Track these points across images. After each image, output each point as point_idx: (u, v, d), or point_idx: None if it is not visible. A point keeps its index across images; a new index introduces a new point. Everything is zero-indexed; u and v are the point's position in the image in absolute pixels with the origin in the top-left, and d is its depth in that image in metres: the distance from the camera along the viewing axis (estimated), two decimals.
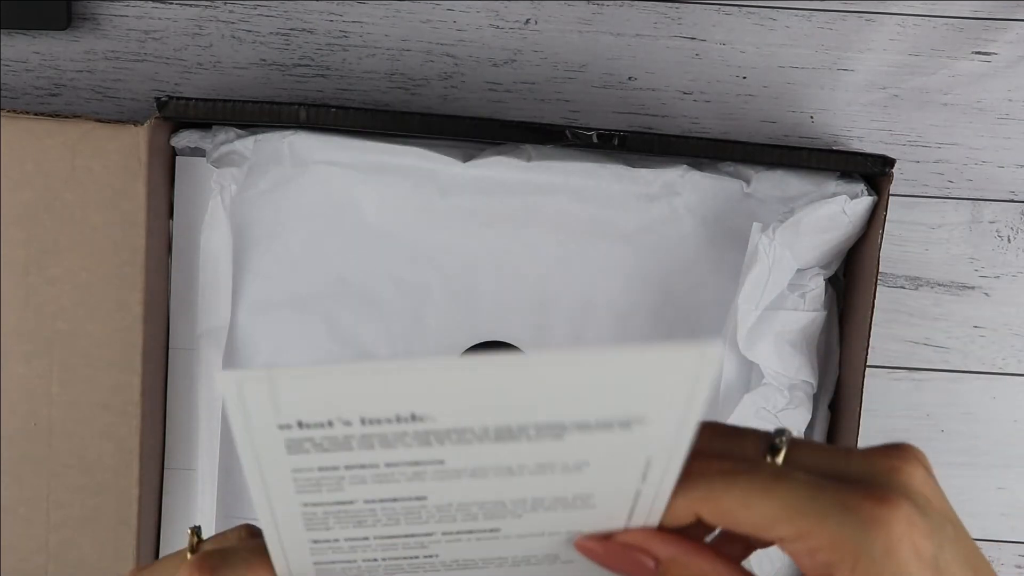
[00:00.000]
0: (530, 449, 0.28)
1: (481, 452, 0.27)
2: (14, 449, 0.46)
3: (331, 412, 0.26)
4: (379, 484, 0.28)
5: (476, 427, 0.27)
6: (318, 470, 0.28)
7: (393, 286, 0.50)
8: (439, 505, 0.29)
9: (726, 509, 0.29)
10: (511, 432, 0.27)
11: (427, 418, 0.26)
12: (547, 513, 0.30)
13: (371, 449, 0.27)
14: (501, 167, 0.49)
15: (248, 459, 0.27)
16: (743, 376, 0.49)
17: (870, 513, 0.27)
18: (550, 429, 0.27)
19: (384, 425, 0.26)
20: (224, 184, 0.48)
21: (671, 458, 0.29)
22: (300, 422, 0.26)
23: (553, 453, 0.28)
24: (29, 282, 0.46)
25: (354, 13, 0.52)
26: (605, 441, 0.28)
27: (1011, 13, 0.53)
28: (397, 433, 0.27)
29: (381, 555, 0.31)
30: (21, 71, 0.52)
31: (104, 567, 0.47)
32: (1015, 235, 0.53)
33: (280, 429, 0.26)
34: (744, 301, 0.47)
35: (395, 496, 0.29)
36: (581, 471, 0.29)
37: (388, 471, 0.28)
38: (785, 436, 0.30)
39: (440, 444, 0.27)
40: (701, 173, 0.49)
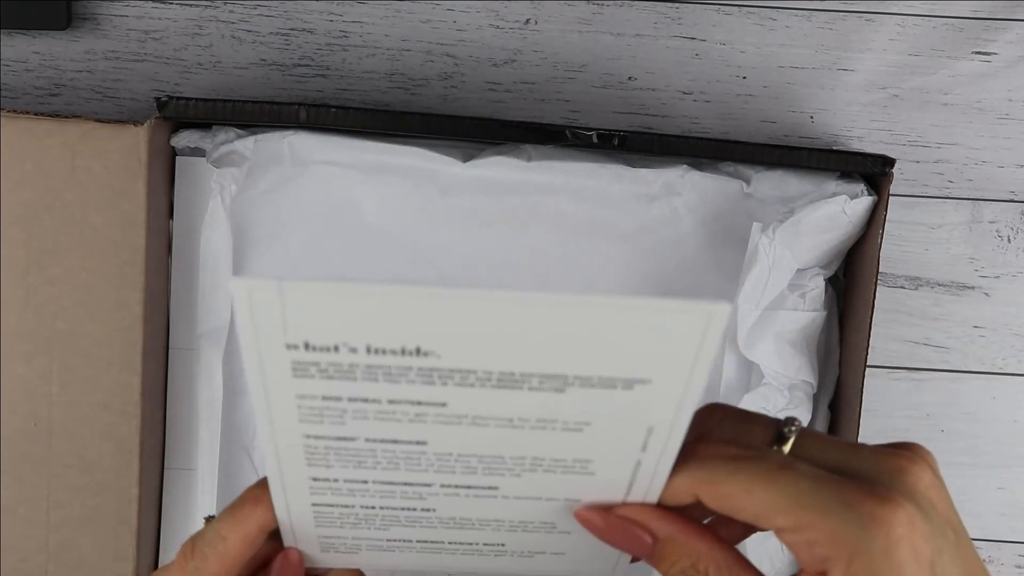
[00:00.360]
0: (531, 400, 0.28)
1: (483, 397, 0.27)
2: (14, 449, 0.46)
3: (338, 336, 0.26)
4: (381, 422, 0.28)
5: (480, 370, 0.27)
6: (322, 399, 0.28)
7: None
8: (439, 453, 0.29)
9: (727, 494, 0.29)
10: (514, 379, 0.27)
11: (432, 354, 0.26)
12: (546, 475, 0.30)
13: (375, 382, 0.27)
14: (501, 167, 0.49)
15: (255, 380, 0.27)
16: (743, 376, 0.49)
17: (871, 511, 0.27)
18: (552, 380, 0.27)
19: (389, 356, 0.26)
20: (224, 184, 0.48)
21: (672, 429, 0.29)
22: (307, 343, 0.26)
23: (554, 408, 0.28)
24: (29, 282, 0.46)
25: (354, 13, 0.52)
26: (607, 400, 0.28)
27: (1011, 13, 0.53)
28: (401, 367, 0.27)
29: (379, 503, 0.31)
30: (21, 71, 0.52)
31: (104, 567, 0.47)
32: (1015, 235, 0.53)
33: (287, 349, 0.26)
34: (744, 301, 0.47)
35: (396, 438, 0.29)
36: (582, 432, 0.29)
37: (390, 408, 0.28)
38: (795, 426, 0.30)
39: (443, 384, 0.27)
40: (701, 173, 0.49)
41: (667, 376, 0.27)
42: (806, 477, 0.28)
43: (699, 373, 0.27)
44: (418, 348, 0.26)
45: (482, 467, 0.30)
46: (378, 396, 0.27)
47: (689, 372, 0.27)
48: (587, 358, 0.27)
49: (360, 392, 0.27)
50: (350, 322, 0.26)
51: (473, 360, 0.27)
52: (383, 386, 0.27)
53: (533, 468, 0.30)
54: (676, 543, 0.30)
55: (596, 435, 0.29)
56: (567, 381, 0.27)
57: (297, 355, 0.26)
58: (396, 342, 0.26)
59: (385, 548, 0.34)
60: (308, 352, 0.26)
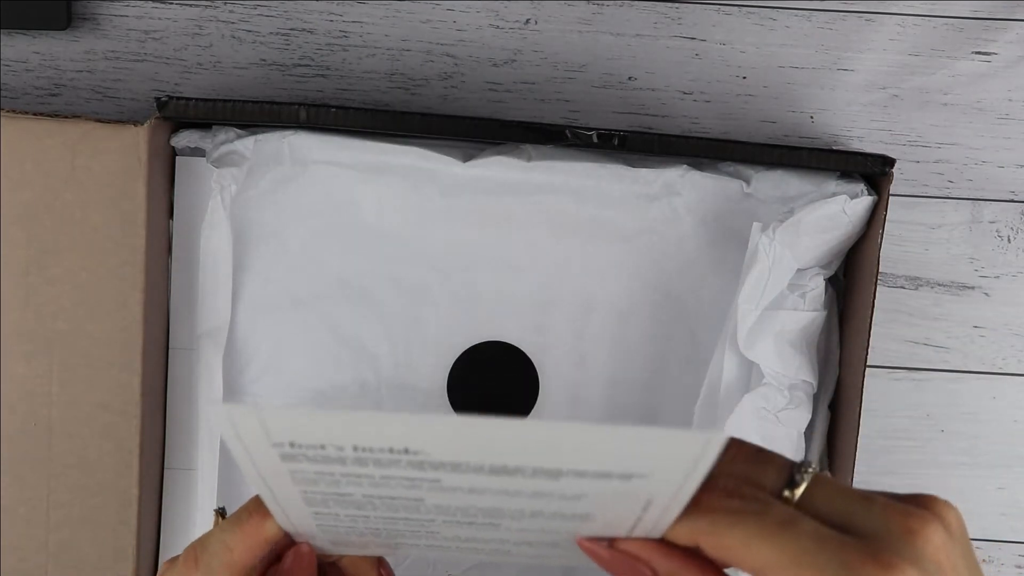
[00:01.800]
0: (526, 483, 0.28)
1: (477, 480, 0.28)
2: (14, 449, 0.46)
3: (323, 439, 0.27)
4: (376, 488, 0.28)
5: (471, 463, 0.27)
6: (314, 473, 0.28)
7: (393, 286, 0.50)
8: (438, 506, 0.30)
9: (727, 546, 0.29)
10: (507, 470, 0.27)
11: (420, 452, 0.27)
12: (547, 521, 0.30)
13: (365, 467, 0.27)
14: (501, 167, 0.49)
15: (245, 466, 0.28)
16: (743, 376, 0.49)
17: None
18: (546, 472, 0.28)
19: (377, 453, 0.27)
20: (224, 184, 0.48)
21: (672, 502, 0.29)
22: (292, 443, 0.27)
23: (549, 488, 0.28)
24: (29, 282, 0.46)
25: (354, 13, 0.52)
26: (603, 485, 0.28)
27: (1011, 13, 0.53)
28: (391, 459, 0.27)
29: (383, 527, 0.32)
30: (21, 71, 0.52)
31: (104, 567, 0.47)
32: (1015, 235, 0.53)
33: (274, 447, 0.27)
34: (744, 301, 0.47)
35: (393, 496, 0.29)
36: (579, 500, 0.29)
37: (384, 480, 0.28)
38: (808, 470, 0.30)
39: (435, 471, 0.28)
40: (701, 173, 0.49)
41: (664, 476, 0.28)
42: (808, 536, 0.28)
43: (695, 476, 0.28)
44: (406, 449, 0.27)
45: (482, 514, 0.30)
46: (370, 474, 0.28)
47: (685, 477, 0.28)
48: (582, 462, 0.27)
49: (352, 471, 0.28)
50: (333, 432, 0.26)
51: (463, 457, 0.27)
52: (374, 469, 0.28)
53: (533, 517, 0.30)
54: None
55: (594, 502, 0.29)
56: (561, 473, 0.28)
57: (284, 450, 0.27)
58: (383, 445, 0.27)
59: (394, 547, 0.34)
60: (294, 449, 0.27)
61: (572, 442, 0.27)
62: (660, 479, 0.28)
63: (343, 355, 0.50)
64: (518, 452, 0.27)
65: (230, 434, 0.27)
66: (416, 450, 0.27)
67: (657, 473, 0.28)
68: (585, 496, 0.29)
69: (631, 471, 0.27)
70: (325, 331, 0.50)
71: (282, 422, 0.26)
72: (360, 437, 0.26)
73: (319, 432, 0.26)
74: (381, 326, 0.50)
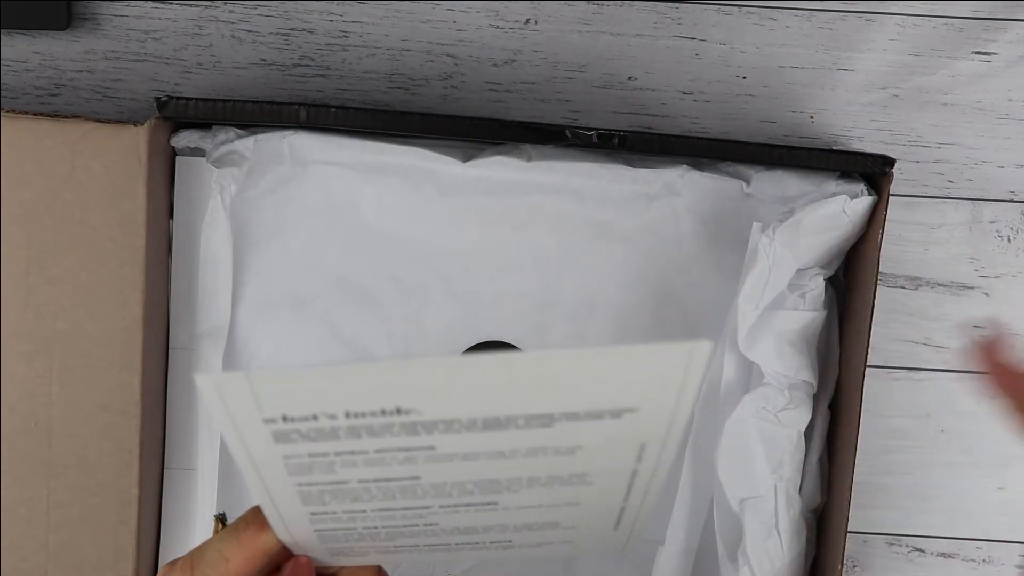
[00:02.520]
0: (520, 436, 0.28)
1: (470, 440, 0.27)
2: (14, 449, 0.46)
3: (315, 407, 0.26)
4: (371, 467, 0.28)
5: (463, 418, 0.27)
6: (308, 456, 0.28)
7: (393, 286, 0.50)
8: (434, 484, 0.29)
9: None
10: (499, 422, 0.27)
11: (412, 411, 0.26)
12: (544, 488, 0.30)
13: (359, 438, 0.27)
14: (501, 167, 0.49)
15: (238, 451, 0.28)
16: (743, 376, 0.49)
17: None
18: (539, 419, 0.27)
19: (369, 418, 0.26)
20: (224, 184, 0.48)
21: (666, 441, 0.29)
22: (285, 416, 0.26)
23: (544, 439, 0.28)
24: (29, 282, 0.46)
25: (354, 13, 0.52)
26: (596, 429, 0.28)
27: (1011, 13, 0.53)
28: (383, 424, 0.27)
29: (381, 523, 0.31)
30: (21, 71, 0.52)
31: (104, 567, 0.47)
32: (1015, 235, 0.53)
33: (265, 423, 0.26)
34: (744, 301, 0.47)
35: (388, 477, 0.29)
36: (574, 454, 0.29)
37: (378, 456, 0.28)
38: None
39: (428, 434, 0.27)
40: (701, 173, 0.49)
41: (655, 405, 0.27)
42: None
43: (687, 399, 0.27)
44: (397, 408, 0.26)
45: (479, 489, 0.30)
46: (364, 448, 0.28)
47: (676, 399, 0.27)
48: (572, 399, 0.27)
49: (346, 447, 0.27)
50: (325, 395, 0.26)
51: (455, 411, 0.27)
52: (367, 440, 0.27)
53: (531, 484, 0.30)
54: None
55: (589, 455, 0.29)
56: (553, 418, 0.27)
57: (276, 427, 0.27)
58: (374, 405, 0.26)
59: (393, 551, 0.34)
60: (287, 423, 0.27)
61: (557, 366, 0.26)
62: (650, 410, 0.27)
63: (343, 355, 0.50)
64: (508, 390, 0.26)
65: (220, 410, 0.26)
66: (408, 408, 0.26)
67: (647, 402, 0.27)
68: (580, 448, 0.28)
69: (621, 405, 0.27)
70: (325, 331, 0.50)
71: (272, 387, 0.26)
72: (351, 399, 0.26)
73: (310, 397, 0.26)
74: (381, 326, 0.50)
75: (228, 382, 0.26)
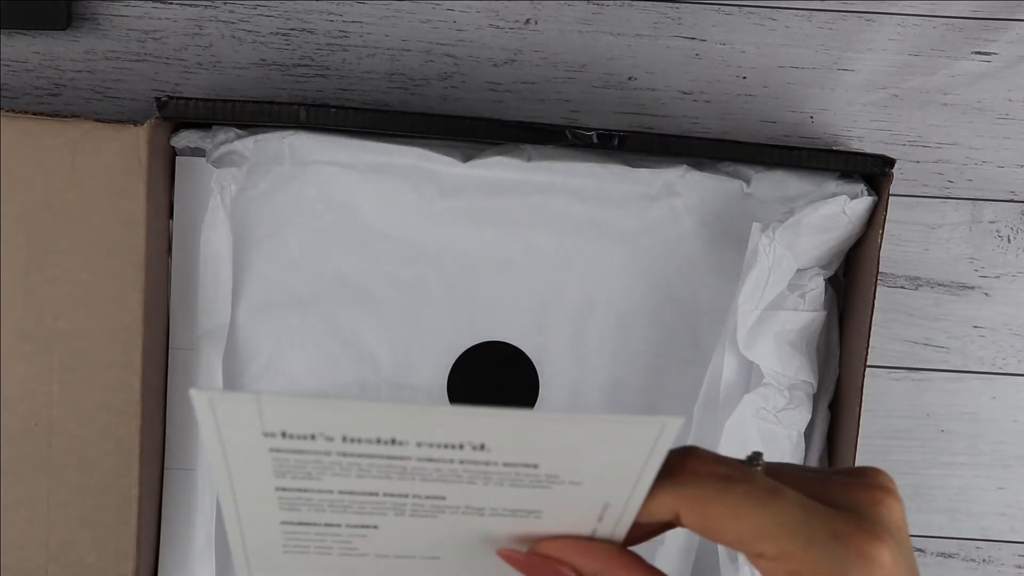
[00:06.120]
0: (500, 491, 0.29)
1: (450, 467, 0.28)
2: (14, 449, 0.46)
3: (314, 428, 0.27)
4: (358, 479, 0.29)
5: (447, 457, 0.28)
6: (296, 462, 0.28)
7: (393, 286, 0.50)
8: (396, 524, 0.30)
9: (712, 514, 0.28)
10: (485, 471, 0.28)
11: (407, 443, 0.27)
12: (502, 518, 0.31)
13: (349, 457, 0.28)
14: (501, 167, 0.49)
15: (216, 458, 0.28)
16: (743, 376, 0.49)
17: (859, 546, 0.27)
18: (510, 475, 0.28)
19: (364, 445, 0.27)
20: (224, 184, 0.48)
21: (628, 502, 0.29)
22: (285, 432, 0.27)
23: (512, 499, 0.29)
24: (29, 282, 0.46)
25: (354, 13, 0.52)
26: (563, 491, 0.28)
27: (1011, 13, 0.53)
28: (376, 451, 0.27)
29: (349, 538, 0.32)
30: (21, 71, 0.52)
31: (104, 567, 0.47)
32: (1015, 235, 0.53)
33: (265, 436, 0.27)
34: (744, 301, 0.47)
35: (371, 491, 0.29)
36: (541, 518, 0.29)
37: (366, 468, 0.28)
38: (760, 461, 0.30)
39: (411, 479, 0.28)
40: (701, 173, 0.49)
41: (620, 470, 0.28)
42: (797, 505, 0.28)
43: (650, 469, 0.28)
44: (393, 439, 0.27)
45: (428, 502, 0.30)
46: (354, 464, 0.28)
47: (641, 469, 0.28)
48: (546, 459, 0.28)
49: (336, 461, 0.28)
50: (326, 421, 0.27)
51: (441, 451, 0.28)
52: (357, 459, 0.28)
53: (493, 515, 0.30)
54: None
55: (553, 517, 0.29)
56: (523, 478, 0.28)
57: (274, 442, 0.27)
58: (371, 435, 0.27)
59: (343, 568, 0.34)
60: (284, 440, 0.27)
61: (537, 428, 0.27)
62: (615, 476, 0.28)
63: (343, 355, 0.50)
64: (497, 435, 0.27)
65: (210, 425, 0.27)
66: (403, 440, 0.27)
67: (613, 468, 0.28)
68: (543, 512, 0.29)
69: (588, 470, 0.28)
70: (325, 331, 0.50)
71: (279, 409, 0.26)
72: (351, 427, 0.27)
73: (312, 421, 0.27)
74: (381, 326, 0.50)
75: (236, 401, 0.26)
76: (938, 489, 0.54)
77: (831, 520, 0.28)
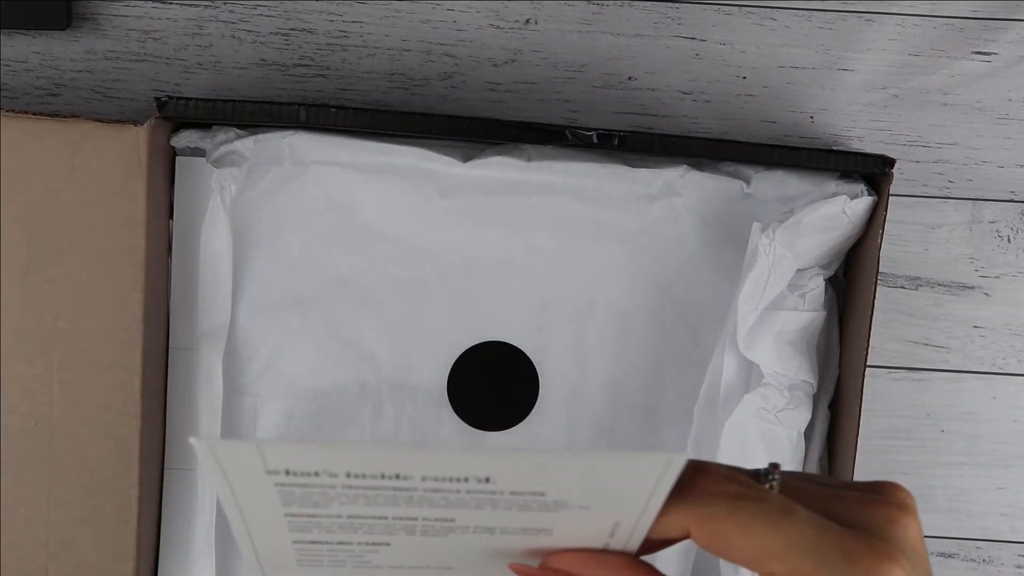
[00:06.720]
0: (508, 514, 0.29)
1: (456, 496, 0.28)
2: (14, 449, 0.46)
3: (318, 467, 0.27)
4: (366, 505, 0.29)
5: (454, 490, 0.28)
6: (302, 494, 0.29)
7: (393, 286, 0.50)
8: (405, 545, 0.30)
9: (723, 533, 0.28)
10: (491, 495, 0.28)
11: (411, 478, 0.27)
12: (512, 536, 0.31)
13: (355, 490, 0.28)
14: (501, 167, 0.49)
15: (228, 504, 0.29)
16: (743, 376, 0.49)
17: (871, 567, 0.27)
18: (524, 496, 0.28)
19: (368, 480, 0.27)
20: (224, 184, 0.48)
21: (639, 521, 0.29)
22: (288, 470, 0.27)
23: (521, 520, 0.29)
24: (29, 282, 0.46)
25: (354, 13, 0.52)
26: (570, 515, 0.29)
27: (1011, 13, 0.53)
28: (380, 485, 0.28)
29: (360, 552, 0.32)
30: (21, 71, 0.52)
31: (104, 567, 0.47)
32: (1015, 235, 0.53)
33: (268, 474, 0.27)
34: (744, 301, 0.47)
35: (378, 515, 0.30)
36: (551, 534, 0.30)
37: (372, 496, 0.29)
38: (776, 475, 0.29)
39: (419, 506, 0.28)
40: (701, 173, 0.49)
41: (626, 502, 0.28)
42: (808, 524, 0.27)
43: (655, 503, 0.28)
44: (397, 475, 0.27)
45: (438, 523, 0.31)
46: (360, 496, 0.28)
47: (645, 504, 0.28)
48: (554, 492, 0.28)
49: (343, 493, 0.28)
50: (328, 462, 0.27)
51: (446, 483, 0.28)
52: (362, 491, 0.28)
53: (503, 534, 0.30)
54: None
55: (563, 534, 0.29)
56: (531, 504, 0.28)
57: (278, 479, 0.27)
58: (375, 471, 0.27)
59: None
60: (288, 477, 0.27)
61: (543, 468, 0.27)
62: (622, 505, 0.28)
63: (343, 355, 0.50)
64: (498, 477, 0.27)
65: (214, 469, 0.27)
66: (407, 475, 0.27)
67: (619, 499, 0.28)
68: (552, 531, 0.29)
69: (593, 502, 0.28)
70: (325, 331, 0.50)
71: (280, 453, 0.27)
72: (354, 465, 0.27)
73: (315, 461, 0.27)
74: (381, 326, 0.50)
75: (237, 449, 0.27)
76: (938, 489, 0.54)
77: (843, 540, 0.27)
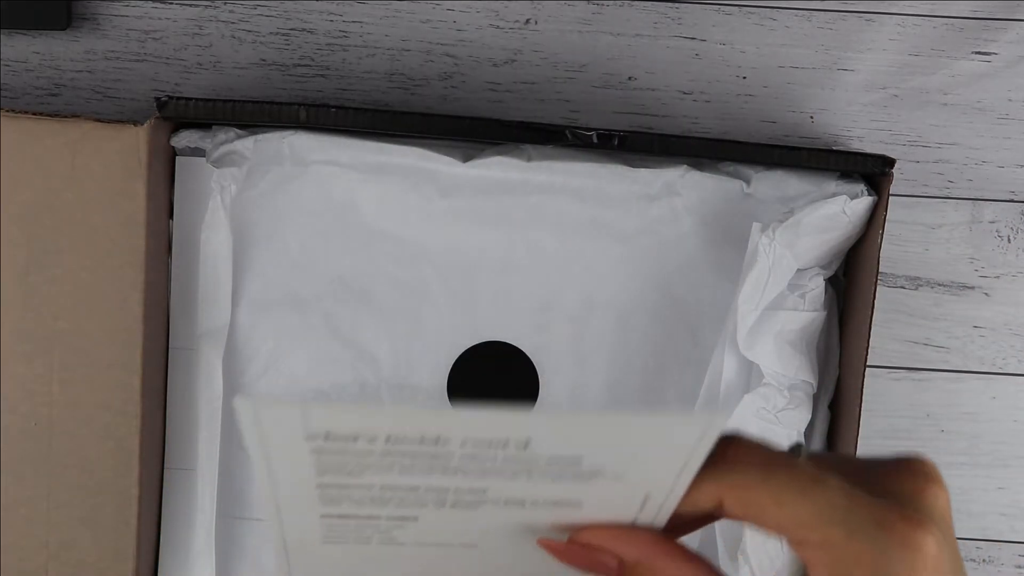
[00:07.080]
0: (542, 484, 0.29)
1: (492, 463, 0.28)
2: (14, 449, 0.46)
3: (358, 430, 0.27)
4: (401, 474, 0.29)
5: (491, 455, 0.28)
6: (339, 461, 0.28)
7: (393, 286, 0.50)
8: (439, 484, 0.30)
9: (755, 502, 0.28)
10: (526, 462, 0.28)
11: (451, 441, 0.27)
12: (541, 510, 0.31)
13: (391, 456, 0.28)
14: (501, 167, 0.49)
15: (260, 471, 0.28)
16: (743, 376, 0.49)
17: (903, 535, 0.27)
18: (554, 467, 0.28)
19: (407, 444, 0.27)
20: (224, 184, 0.48)
21: (670, 494, 0.29)
22: (328, 434, 0.27)
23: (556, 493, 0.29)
24: (29, 282, 0.46)
25: (354, 13, 0.52)
26: (603, 484, 0.28)
27: (1011, 13, 0.53)
28: (418, 451, 0.28)
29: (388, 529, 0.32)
30: (21, 71, 0.52)
31: (104, 567, 0.47)
32: (1015, 235, 0.53)
33: (307, 439, 0.27)
34: (744, 301, 0.47)
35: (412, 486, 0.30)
36: (581, 507, 0.29)
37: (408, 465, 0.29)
38: (802, 451, 0.29)
39: (453, 475, 0.28)
40: (701, 173, 0.49)
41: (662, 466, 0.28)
42: (840, 493, 0.27)
43: (693, 464, 0.28)
44: (437, 438, 0.27)
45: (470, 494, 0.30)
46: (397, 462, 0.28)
47: (682, 466, 0.28)
48: (590, 456, 0.28)
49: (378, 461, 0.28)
50: (372, 424, 0.27)
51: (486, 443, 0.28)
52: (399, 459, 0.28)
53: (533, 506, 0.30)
54: (644, 568, 0.29)
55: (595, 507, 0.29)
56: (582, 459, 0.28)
57: (316, 444, 0.27)
58: (415, 435, 0.27)
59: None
60: (327, 442, 0.27)
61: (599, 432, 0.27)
62: (656, 471, 0.28)
63: (343, 355, 0.50)
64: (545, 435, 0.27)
65: (252, 431, 0.27)
66: (447, 438, 0.27)
67: (654, 463, 0.28)
68: (583, 502, 0.29)
69: (630, 466, 0.28)
70: (325, 331, 0.50)
71: (323, 415, 0.27)
72: (396, 427, 0.27)
73: (356, 423, 0.27)
74: (381, 326, 0.50)
75: (281, 408, 0.27)
76: None
77: (874, 508, 0.27)
